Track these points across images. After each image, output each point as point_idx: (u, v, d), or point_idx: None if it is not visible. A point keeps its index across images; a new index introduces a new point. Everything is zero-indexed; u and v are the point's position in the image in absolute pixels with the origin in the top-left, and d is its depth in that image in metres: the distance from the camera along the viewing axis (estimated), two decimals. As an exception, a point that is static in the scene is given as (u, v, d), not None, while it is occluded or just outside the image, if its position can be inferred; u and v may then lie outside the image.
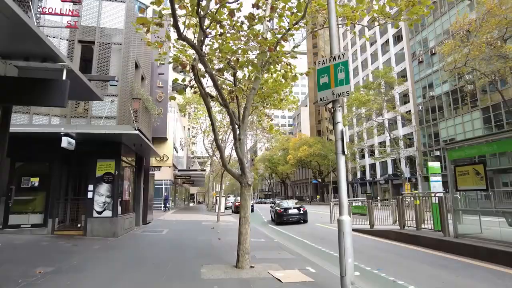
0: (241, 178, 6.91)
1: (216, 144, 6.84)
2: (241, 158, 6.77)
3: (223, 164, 7.11)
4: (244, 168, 6.87)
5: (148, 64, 16.55)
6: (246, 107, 7.32)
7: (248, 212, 6.81)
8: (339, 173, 5.43)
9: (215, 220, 18.75)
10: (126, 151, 12.67)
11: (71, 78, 5.21)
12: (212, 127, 6.83)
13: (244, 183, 6.89)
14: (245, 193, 6.88)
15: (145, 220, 16.52)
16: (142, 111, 13.43)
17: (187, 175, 35.02)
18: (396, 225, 12.32)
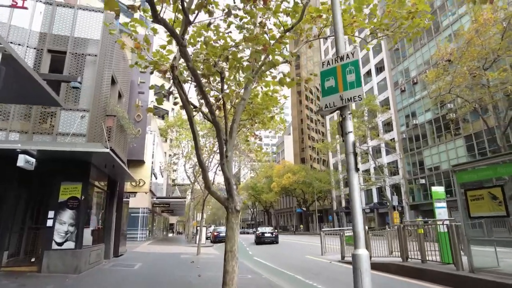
0: (228, 203, 5.74)
1: (199, 162, 5.70)
2: (229, 178, 5.63)
3: (206, 186, 5.93)
4: (232, 190, 5.72)
5: (127, 81, 15.48)
6: (235, 119, 6.29)
7: (235, 245, 5.58)
8: (353, 196, 4.39)
9: (195, 253, 17.09)
10: (96, 174, 11.26)
11: (13, 68, 4.05)
12: (194, 141, 5.71)
13: (231, 209, 5.71)
14: (232, 221, 5.69)
15: (116, 252, 14.76)
16: (116, 129, 12.17)
17: (166, 203, 33.10)
18: (394, 256, 11.22)
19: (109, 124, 11.67)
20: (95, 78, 11.08)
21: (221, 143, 5.43)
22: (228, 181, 5.67)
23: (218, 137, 5.44)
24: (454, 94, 24.72)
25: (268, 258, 15.58)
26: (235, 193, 5.80)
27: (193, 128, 5.56)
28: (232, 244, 5.57)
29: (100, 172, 11.72)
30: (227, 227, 5.73)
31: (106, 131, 11.46)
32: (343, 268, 11.59)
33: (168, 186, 48.44)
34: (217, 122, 5.20)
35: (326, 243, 16.15)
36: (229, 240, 5.62)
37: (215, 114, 5.13)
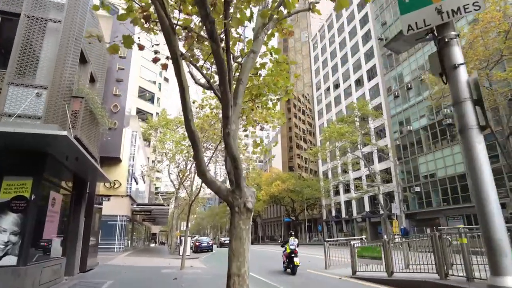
0: (233, 197, 3.69)
1: (189, 133, 3.60)
2: (235, 156, 3.56)
3: (199, 172, 3.82)
4: (240, 176, 3.66)
5: (102, 66, 13.26)
6: (241, 79, 4.32)
7: (245, 265, 3.53)
8: (481, 178, 2.41)
9: (178, 266, 14.75)
10: (56, 169, 8.96)
11: None
12: (182, 100, 3.63)
13: (239, 207, 3.65)
14: (241, 227, 3.62)
15: (83, 266, 12.33)
16: (84, 115, 9.93)
17: (148, 210, 30.47)
18: (416, 271, 9.25)
19: (75, 108, 9.43)
20: (57, 49, 8.87)
21: (226, 92, 3.35)
22: (235, 162, 3.59)
23: (221, 82, 3.37)
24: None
25: (264, 273, 13.40)
26: (244, 183, 3.74)
27: (181, 76, 3.48)
28: (240, 264, 3.50)
29: (62, 167, 9.42)
30: (233, 236, 3.65)
31: (71, 116, 9.22)
32: (361, 287, 9.56)
33: (150, 194, 45.61)
34: (221, 53, 3.13)
35: (332, 256, 14.10)
36: (235, 256, 3.54)
37: (217, 38, 3.06)
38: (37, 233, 7.94)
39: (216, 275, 12.41)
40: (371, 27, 49.52)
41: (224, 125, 3.50)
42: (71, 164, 9.45)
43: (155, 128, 27.20)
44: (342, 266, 13.72)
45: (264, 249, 37.15)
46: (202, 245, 33.38)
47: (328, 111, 61.25)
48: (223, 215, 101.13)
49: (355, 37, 53.91)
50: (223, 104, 3.44)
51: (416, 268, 9.57)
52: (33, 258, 7.63)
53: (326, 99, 62.70)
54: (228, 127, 3.47)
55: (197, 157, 3.72)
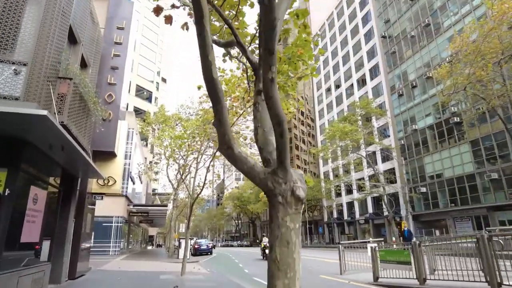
0: (274, 181, 2.48)
1: (206, 75, 2.33)
2: (280, 114, 2.31)
3: (222, 142, 2.57)
4: (285, 150, 2.42)
5: (96, 50, 12.01)
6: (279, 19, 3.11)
7: (296, 284, 2.30)
8: None
9: (178, 271, 13.46)
10: (37, 160, 7.70)
11: None
12: (197, 19, 2.36)
13: (284, 195, 2.44)
14: (287, 225, 2.42)
15: (73, 272, 11.04)
16: (73, 100, 8.67)
17: (145, 211, 29.14)
18: (453, 279, 8.04)
19: (62, 91, 8.18)
20: (40, 21, 7.62)
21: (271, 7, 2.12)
22: (280, 127, 2.36)
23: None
24: (471, 91, 22.24)
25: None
26: (289, 161, 2.50)
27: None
28: (289, 282, 2.26)
29: (46, 159, 8.16)
30: (276, 240, 2.41)
31: (57, 99, 7.97)
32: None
33: (147, 195, 44.24)
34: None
35: (348, 261, 12.87)
36: (280, 271, 2.36)
37: None
38: (13, 235, 6.67)
39: (222, 282, 11.16)
40: (374, 24, 48.54)
41: (265, 66, 2.26)
42: (56, 155, 8.18)
43: (153, 124, 25.96)
44: (359, 270, 12.52)
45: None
46: (202, 247, 32.04)
47: (329, 111, 60.18)
48: (220, 217, 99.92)
49: (357, 36, 52.92)
50: (266, 29, 2.21)
51: (447, 274, 8.40)
52: (7, 266, 6.35)
53: (327, 99, 61.65)
54: (271, 70, 2.24)
55: (220, 120, 2.50)
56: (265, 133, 2.87)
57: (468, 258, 8.72)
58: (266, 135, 2.87)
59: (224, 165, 39.46)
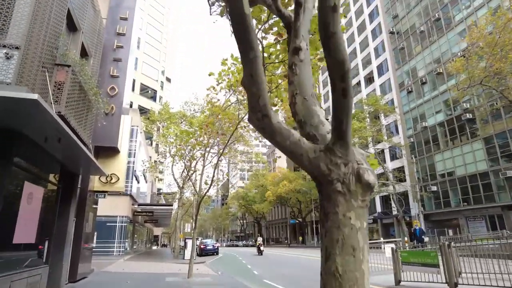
0: (330, 160, 1.76)
1: (233, 7, 1.62)
2: (345, 62, 1.59)
3: (253, 106, 1.87)
4: (349, 118, 1.69)
5: (97, 40, 11.37)
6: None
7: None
8: None
9: (185, 273, 12.79)
10: (32, 154, 7.06)
11: None
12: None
13: (345, 179, 1.72)
14: (351, 223, 1.69)
15: (74, 274, 10.42)
16: (72, 89, 8.01)
17: (150, 211, 28.55)
18: (492, 286, 7.30)
19: (60, 79, 7.53)
20: (35, 1, 6.96)
21: None
22: (344, 82, 1.62)
23: None
24: (488, 85, 21.32)
25: (284, 282, 11.43)
26: (350, 133, 1.75)
27: None
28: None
29: (42, 153, 7.51)
30: (334, 244, 1.63)
31: (54, 88, 7.32)
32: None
33: (152, 195, 43.74)
34: None
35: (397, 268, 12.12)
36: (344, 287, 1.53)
37: None
38: (4, 236, 6.03)
39: (232, 286, 10.46)
40: (381, 20, 47.58)
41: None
42: (54, 149, 7.53)
43: (158, 122, 25.37)
44: (375, 272, 11.77)
45: (276, 252, 35.12)
46: (208, 247, 31.42)
47: (335, 109, 59.25)
48: (225, 217, 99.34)
49: (364, 32, 51.97)
50: None
51: (478, 278, 7.65)
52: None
53: (333, 97, 60.74)
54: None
55: (252, 76, 1.79)
56: (306, 102, 2.16)
57: (490, 260, 8.00)
58: (308, 104, 2.15)
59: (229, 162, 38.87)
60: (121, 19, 13.32)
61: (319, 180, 1.81)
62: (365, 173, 1.72)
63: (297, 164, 1.87)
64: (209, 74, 9.54)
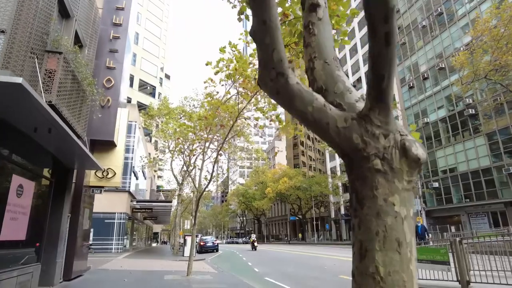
0: (366, 130, 1.35)
1: None
2: (392, 12, 1.20)
3: (265, 64, 1.46)
4: (392, 73, 1.29)
5: (92, 30, 10.94)
6: None
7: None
8: None
9: (184, 270, 12.43)
10: (20, 145, 6.67)
11: None
12: None
13: (386, 155, 1.32)
14: (394, 209, 1.29)
15: (68, 272, 10.05)
16: (64, 79, 7.60)
17: (149, 207, 28.19)
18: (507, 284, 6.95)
19: (51, 67, 7.12)
20: (23, -17, 6.54)
21: None
22: (388, 22, 1.21)
23: None
24: (494, 78, 20.91)
25: (285, 280, 11.08)
26: (392, 95, 1.32)
27: None
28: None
29: (33, 145, 7.12)
30: (374, 240, 1.20)
31: (44, 75, 6.91)
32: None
33: (152, 192, 43.37)
34: None
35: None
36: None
37: None
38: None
39: (233, 284, 10.11)
40: (383, 15, 47.01)
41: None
42: (45, 140, 7.14)
43: (157, 117, 24.95)
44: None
45: (276, 249, 34.81)
46: (207, 244, 31.09)
47: (336, 105, 58.80)
48: (225, 214, 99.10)
49: (365, 28, 51.46)
50: None
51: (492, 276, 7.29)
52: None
53: (333, 93, 60.27)
54: None
55: (266, 23, 1.39)
56: (327, 67, 1.76)
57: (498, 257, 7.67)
58: (330, 68, 1.76)
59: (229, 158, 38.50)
60: (117, 9, 12.88)
61: (350, 157, 1.42)
62: (412, 146, 1.33)
63: (321, 136, 1.48)
64: (206, 63, 9.14)
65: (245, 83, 9.86)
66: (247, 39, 7.08)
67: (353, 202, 1.41)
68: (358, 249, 1.34)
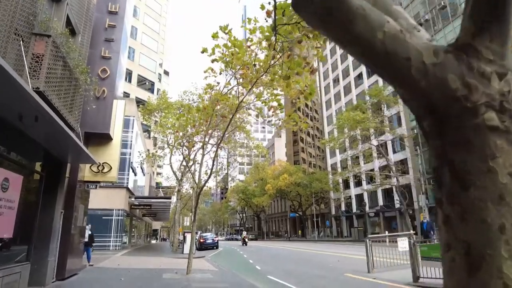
0: (470, 68, 0.82)
1: None
2: None
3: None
4: None
5: (86, 18, 10.37)
6: None
7: None
8: None
9: (183, 268, 11.96)
10: (7, 137, 6.15)
11: None
12: None
13: (509, 102, 0.79)
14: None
15: (62, 271, 9.56)
16: (54, 65, 7.06)
17: (147, 204, 27.69)
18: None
19: (38, 50, 6.58)
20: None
21: None
22: None
23: None
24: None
25: (290, 278, 10.60)
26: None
27: None
28: None
29: (19, 136, 6.60)
30: (489, 236, 0.65)
31: (31, 60, 6.38)
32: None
33: (151, 189, 42.87)
34: None
35: (377, 257, 11.33)
36: None
37: None
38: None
39: (235, 283, 9.63)
40: (384, 9, 46.40)
41: None
42: (32, 130, 6.61)
43: (155, 112, 24.41)
44: (389, 268, 10.96)
45: (277, 246, 34.38)
46: (207, 241, 30.68)
47: (337, 101, 58.28)
48: (225, 210, 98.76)
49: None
50: None
51: None
52: None
53: (334, 89, 59.72)
54: None
55: None
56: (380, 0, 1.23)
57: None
58: (384, 2, 1.23)
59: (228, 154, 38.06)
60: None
61: (441, 112, 0.91)
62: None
63: (395, 81, 0.97)
64: (202, 51, 8.59)
65: (245, 71, 9.32)
66: (249, 26, 6.56)
67: (445, 182, 0.90)
68: (462, 255, 0.83)
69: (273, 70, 8.40)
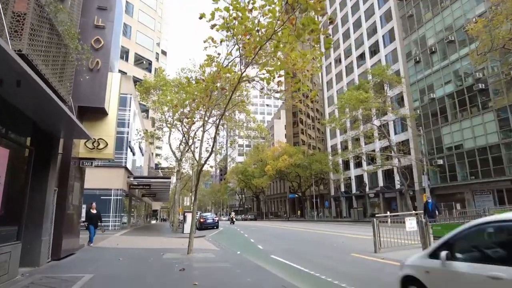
0: None
1: None
2: None
3: None
4: None
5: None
6: None
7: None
8: None
9: (184, 248, 11.64)
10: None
11: None
12: None
13: None
14: None
15: (57, 251, 9.18)
16: (39, 27, 6.39)
17: (147, 183, 27.34)
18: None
19: (19, 9, 5.90)
20: None
21: None
22: None
23: None
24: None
25: (294, 259, 10.26)
26: None
27: None
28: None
29: (2, 104, 6.00)
30: None
31: (12, 19, 5.70)
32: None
33: (150, 169, 42.52)
34: None
35: (383, 237, 10.98)
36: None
37: None
38: None
39: (237, 263, 9.27)
40: (389, -15, 44.82)
41: None
42: (16, 98, 6.01)
43: (153, 89, 23.66)
44: (395, 248, 10.64)
45: (276, 226, 34.35)
46: (207, 221, 30.58)
47: (338, 81, 57.25)
48: (224, 191, 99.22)
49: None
50: None
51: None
52: None
53: (336, 69, 58.55)
54: None
55: None
56: None
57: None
58: None
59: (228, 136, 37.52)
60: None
61: None
62: None
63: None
64: (200, 16, 7.89)
65: (248, 40, 8.62)
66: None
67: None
68: None
69: (277, 37, 7.74)
